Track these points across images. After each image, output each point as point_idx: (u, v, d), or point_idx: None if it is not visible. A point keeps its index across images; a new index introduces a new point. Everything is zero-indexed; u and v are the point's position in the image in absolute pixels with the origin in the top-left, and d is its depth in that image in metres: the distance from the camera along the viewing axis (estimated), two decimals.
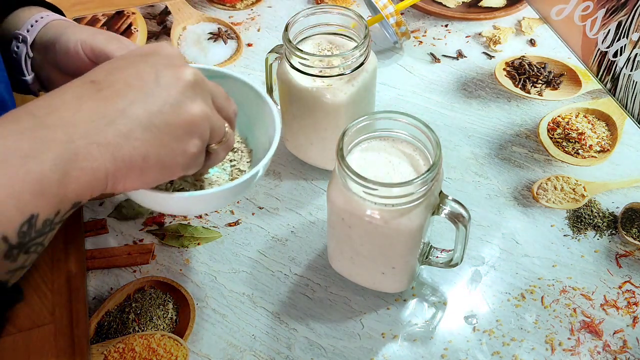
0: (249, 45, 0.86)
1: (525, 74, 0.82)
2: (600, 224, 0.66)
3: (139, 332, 0.57)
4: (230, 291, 0.60)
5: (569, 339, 0.57)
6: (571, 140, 0.74)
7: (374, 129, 0.55)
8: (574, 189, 0.69)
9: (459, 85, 0.81)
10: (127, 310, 0.59)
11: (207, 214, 0.66)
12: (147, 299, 0.60)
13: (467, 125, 0.76)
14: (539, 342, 0.57)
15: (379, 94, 0.77)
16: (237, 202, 0.68)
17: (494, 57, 0.85)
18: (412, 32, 0.88)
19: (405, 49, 0.86)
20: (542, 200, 0.68)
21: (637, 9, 0.74)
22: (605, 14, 0.79)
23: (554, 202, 0.68)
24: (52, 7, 0.63)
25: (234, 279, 0.61)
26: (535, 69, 0.82)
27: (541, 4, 0.91)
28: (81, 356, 0.57)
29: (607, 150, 0.73)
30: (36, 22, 0.59)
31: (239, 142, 0.60)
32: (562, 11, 0.86)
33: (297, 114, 0.65)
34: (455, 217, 0.53)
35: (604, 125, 0.76)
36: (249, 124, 0.59)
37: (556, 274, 0.62)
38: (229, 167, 0.57)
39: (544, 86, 0.81)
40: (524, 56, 0.85)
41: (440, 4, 0.93)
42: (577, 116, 0.77)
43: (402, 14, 0.90)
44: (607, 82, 0.81)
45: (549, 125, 0.76)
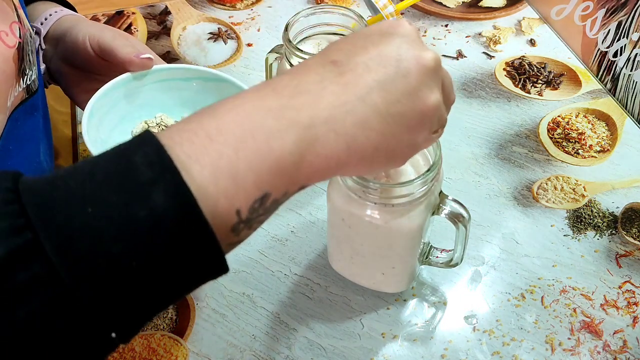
0: (249, 45, 0.86)
1: (525, 74, 0.82)
2: (600, 224, 0.66)
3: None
4: (230, 291, 0.60)
5: (569, 339, 0.57)
6: (571, 140, 0.74)
7: None
8: (574, 189, 0.69)
9: (459, 85, 0.81)
10: None
11: None
12: None
13: (467, 125, 0.76)
14: (539, 342, 0.57)
15: None
16: None
17: (494, 57, 0.85)
18: None
19: None
20: (542, 200, 0.68)
21: (637, 9, 0.74)
22: (605, 14, 0.79)
23: (554, 202, 0.68)
24: (66, 4, 0.65)
25: (234, 279, 0.61)
26: (535, 69, 0.82)
27: (541, 4, 0.91)
28: None
29: (607, 150, 0.73)
30: (50, 16, 0.61)
31: None
32: (562, 11, 0.86)
33: None
34: (455, 217, 0.53)
35: (604, 125, 0.76)
36: None
37: (556, 274, 0.62)
38: None
39: (544, 86, 0.81)
40: (524, 56, 0.85)
41: (440, 4, 0.93)
42: (577, 116, 0.77)
43: (402, 14, 0.90)
44: (607, 82, 0.81)
45: (549, 125, 0.76)
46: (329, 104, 0.35)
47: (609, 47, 0.80)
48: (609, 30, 0.79)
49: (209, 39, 0.87)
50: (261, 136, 0.32)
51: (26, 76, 0.54)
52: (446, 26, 0.90)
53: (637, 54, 0.75)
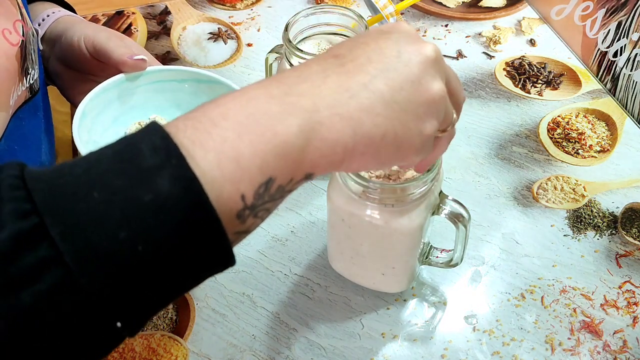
0: (249, 45, 0.86)
1: (525, 74, 0.82)
2: (600, 224, 0.66)
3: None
4: (230, 291, 0.60)
5: (569, 339, 0.57)
6: (571, 140, 0.74)
7: None
8: (574, 189, 0.69)
9: None
10: None
11: None
12: None
13: (467, 125, 0.76)
14: (539, 342, 0.57)
15: None
16: None
17: (494, 57, 0.85)
18: None
19: None
20: (542, 200, 0.68)
21: (637, 9, 0.74)
22: (605, 14, 0.79)
23: (554, 202, 0.68)
24: (64, 4, 0.65)
25: (234, 279, 0.61)
26: (535, 69, 0.82)
27: (541, 4, 0.91)
28: None
29: (607, 150, 0.73)
30: (47, 17, 0.61)
31: None
32: (562, 11, 0.86)
33: None
34: (455, 217, 0.53)
35: (604, 125, 0.76)
36: None
37: (556, 274, 0.62)
38: None
39: (544, 86, 0.81)
40: (524, 56, 0.85)
41: (440, 4, 0.93)
42: (577, 116, 0.77)
43: (402, 14, 0.90)
44: (607, 82, 0.81)
45: (549, 125, 0.76)
46: (331, 90, 0.35)
47: (609, 47, 0.80)
48: (609, 30, 0.79)
49: (209, 39, 0.87)
50: (265, 120, 0.32)
51: (29, 75, 0.54)
52: (446, 26, 0.90)
53: (637, 54, 0.75)
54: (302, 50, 0.60)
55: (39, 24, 0.61)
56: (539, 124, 0.76)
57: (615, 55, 0.79)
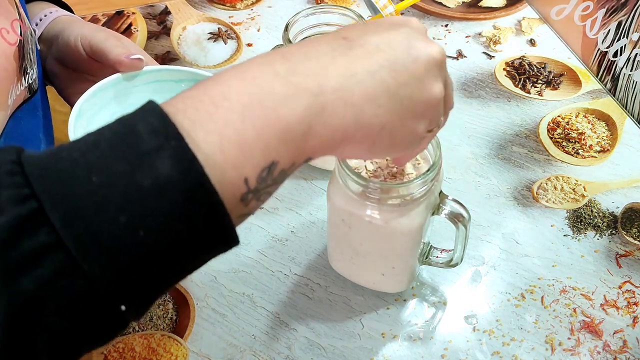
0: (249, 45, 0.86)
1: (525, 74, 0.82)
2: (600, 224, 0.66)
3: (139, 331, 0.57)
4: (230, 291, 0.60)
5: (569, 339, 0.57)
6: (571, 140, 0.74)
7: None
8: (574, 189, 0.69)
9: (459, 85, 0.81)
10: None
11: None
12: None
13: (467, 125, 0.76)
14: (539, 342, 0.57)
15: None
16: None
17: (494, 57, 0.85)
18: None
19: None
20: (542, 200, 0.68)
21: (637, 9, 0.74)
22: (605, 14, 0.79)
23: (554, 202, 0.68)
24: (62, 4, 0.65)
25: (234, 279, 0.61)
26: (535, 69, 0.82)
27: (541, 4, 0.91)
28: None
29: (607, 150, 0.73)
30: (45, 17, 0.61)
31: None
32: (562, 11, 0.86)
33: None
34: (455, 217, 0.53)
35: (604, 125, 0.76)
36: None
37: (556, 274, 0.62)
38: None
39: (544, 86, 0.81)
40: (524, 56, 0.85)
41: (440, 4, 0.93)
42: (577, 116, 0.77)
43: (402, 14, 0.90)
44: (607, 82, 0.81)
45: (549, 125, 0.76)
46: (338, 73, 0.34)
47: (609, 47, 0.80)
48: (609, 30, 0.79)
49: (209, 39, 0.87)
50: (269, 103, 0.32)
51: (28, 75, 0.54)
52: (446, 26, 0.90)
53: (637, 54, 0.75)
54: None
55: (37, 24, 0.61)
56: (539, 124, 0.76)
57: (615, 55, 0.79)
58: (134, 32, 0.88)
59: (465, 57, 0.85)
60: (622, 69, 0.78)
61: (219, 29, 0.89)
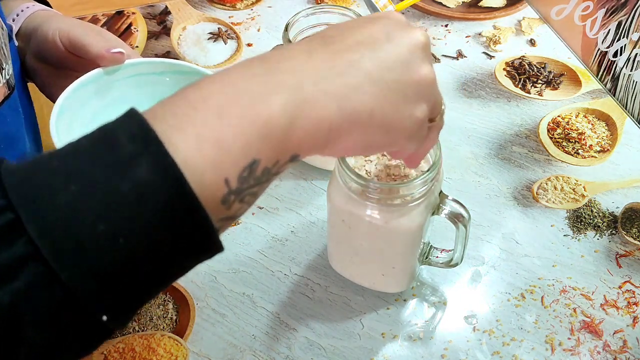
0: (249, 45, 0.86)
1: (525, 74, 0.82)
2: (600, 224, 0.66)
3: (139, 332, 0.57)
4: (230, 291, 0.60)
5: (569, 339, 0.57)
6: (571, 140, 0.74)
7: None
8: (574, 189, 0.69)
9: (459, 85, 0.81)
10: None
11: None
12: None
13: (467, 125, 0.76)
14: (539, 342, 0.57)
15: None
16: None
17: (494, 57, 0.85)
18: None
19: None
20: (542, 200, 0.68)
21: (637, 9, 0.74)
22: (605, 14, 0.79)
23: (554, 202, 0.68)
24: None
25: (234, 279, 0.61)
26: (535, 69, 0.82)
27: (541, 4, 0.91)
28: None
29: (607, 150, 0.73)
30: (22, 12, 0.59)
31: None
32: (562, 11, 0.86)
33: None
34: (455, 217, 0.53)
35: (604, 125, 0.76)
36: None
37: (556, 274, 0.62)
38: None
39: (544, 86, 0.81)
40: (524, 56, 0.85)
41: (440, 4, 0.93)
42: (577, 116, 0.77)
43: (402, 13, 0.90)
44: (607, 82, 0.81)
45: (549, 125, 0.76)
46: (316, 67, 0.34)
47: (609, 47, 0.80)
48: (609, 30, 0.79)
49: (209, 39, 0.87)
50: (246, 101, 0.31)
51: (4, 71, 0.53)
52: (446, 26, 0.90)
53: (637, 54, 0.75)
54: None
55: (13, 20, 0.59)
56: (539, 124, 0.76)
57: (615, 55, 0.79)
58: (134, 32, 0.88)
59: (465, 57, 0.85)
60: (622, 69, 0.78)
61: (219, 29, 0.89)
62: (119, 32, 0.88)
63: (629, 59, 0.77)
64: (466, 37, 0.88)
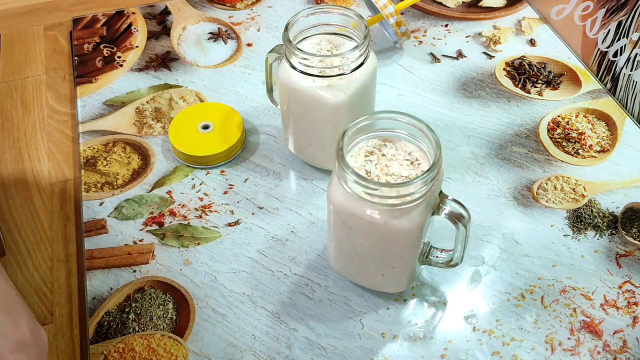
0: (249, 45, 0.86)
1: (525, 74, 0.82)
2: (600, 224, 0.66)
3: (139, 332, 0.57)
4: (230, 291, 0.60)
5: (569, 339, 0.57)
6: (571, 140, 0.74)
7: (374, 128, 0.55)
8: (574, 189, 0.69)
9: (459, 85, 0.81)
10: (127, 310, 0.59)
11: (206, 214, 0.66)
12: (147, 299, 0.60)
13: (467, 125, 0.76)
14: (539, 342, 0.57)
15: (379, 94, 0.77)
16: (237, 201, 0.68)
17: (494, 57, 0.85)
18: (412, 32, 0.88)
19: (405, 49, 0.86)
20: (542, 200, 0.68)
21: (637, 9, 0.74)
22: (605, 13, 0.79)
23: (554, 202, 0.68)
24: None
25: (234, 279, 0.61)
26: (535, 69, 0.82)
27: (541, 4, 0.91)
28: (81, 356, 0.57)
29: (607, 150, 0.73)
30: None
31: None
32: (562, 11, 0.86)
33: (297, 114, 0.65)
34: (455, 217, 0.53)
35: (604, 125, 0.76)
36: None
37: (556, 274, 0.62)
38: None
39: (544, 86, 0.81)
40: (524, 56, 0.85)
41: (440, 4, 0.93)
42: (577, 116, 0.77)
43: (402, 13, 0.90)
44: (607, 82, 0.81)
45: (549, 125, 0.76)
46: None
47: (609, 47, 0.80)
48: (609, 30, 0.79)
49: (209, 39, 0.87)
50: None
51: None
52: (446, 26, 0.90)
53: (637, 54, 0.75)
54: (302, 50, 0.60)
55: None
56: (539, 124, 0.76)
57: (615, 55, 0.79)
58: (134, 32, 0.88)
59: (465, 57, 0.85)
60: (622, 69, 0.78)
61: (219, 29, 0.89)
62: (119, 32, 0.88)
63: (629, 59, 0.77)
64: (466, 37, 0.88)
